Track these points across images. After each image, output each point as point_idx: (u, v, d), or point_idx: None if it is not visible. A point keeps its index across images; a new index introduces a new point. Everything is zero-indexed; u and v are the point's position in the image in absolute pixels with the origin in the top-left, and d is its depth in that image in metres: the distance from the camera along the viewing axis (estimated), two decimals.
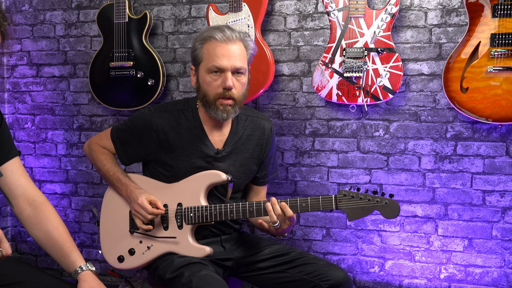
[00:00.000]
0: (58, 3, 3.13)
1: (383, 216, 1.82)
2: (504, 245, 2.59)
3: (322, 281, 1.89)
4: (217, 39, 1.87)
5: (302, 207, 1.85)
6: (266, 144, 2.10)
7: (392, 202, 1.81)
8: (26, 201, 1.69)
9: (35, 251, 3.32)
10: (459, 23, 2.57)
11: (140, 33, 2.85)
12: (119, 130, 2.08)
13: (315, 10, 2.74)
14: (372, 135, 2.71)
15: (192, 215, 1.94)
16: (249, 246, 2.09)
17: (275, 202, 1.84)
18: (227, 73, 1.86)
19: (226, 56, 1.86)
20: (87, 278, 1.57)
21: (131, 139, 2.04)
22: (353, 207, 1.83)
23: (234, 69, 1.87)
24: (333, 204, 1.84)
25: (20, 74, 3.24)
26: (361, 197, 1.82)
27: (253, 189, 2.18)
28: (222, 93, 1.88)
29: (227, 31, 1.88)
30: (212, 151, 1.99)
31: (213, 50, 1.87)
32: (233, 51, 1.87)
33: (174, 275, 1.83)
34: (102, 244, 2.10)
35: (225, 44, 1.86)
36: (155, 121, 1.98)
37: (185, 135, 1.99)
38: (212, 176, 1.95)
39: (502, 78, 2.38)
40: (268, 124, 2.11)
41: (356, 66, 2.55)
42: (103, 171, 2.09)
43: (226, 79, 1.86)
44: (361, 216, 1.83)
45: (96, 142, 2.14)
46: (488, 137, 2.57)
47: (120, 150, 2.07)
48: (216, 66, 1.86)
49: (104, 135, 2.12)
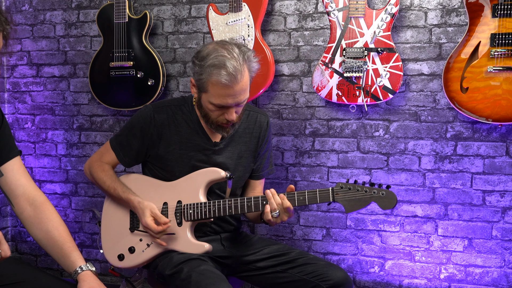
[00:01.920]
0: (58, 3, 3.13)
1: (380, 207, 1.83)
2: (504, 245, 2.59)
3: (322, 281, 1.90)
4: (223, 83, 1.80)
5: (299, 200, 1.86)
6: (263, 137, 2.13)
7: (389, 193, 1.82)
8: (26, 201, 1.69)
9: (35, 251, 3.32)
10: (459, 23, 2.57)
11: (140, 33, 2.85)
12: (118, 136, 2.09)
13: (315, 10, 2.74)
14: (372, 135, 2.71)
15: (191, 211, 1.95)
16: (249, 245, 2.10)
17: (275, 193, 1.87)
18: (231, 108, 1.89)
19: (232, 96, 1.84)
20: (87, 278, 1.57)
21: (131, 140, 2.04)
22: (350, 199, 1.84)
23: (238, 104, 1.89)
24: (330, 196, 1.85)
25: (20, 74, 3.24)
26: (358, 188, 1.83)
27: (249, 184, 2.20)
28: (224, 121, 1.92)
29: (233, 65, 1.79)
30: (209, 144, 2.02)
31: (220, 90, 1.83)
32: (239, 89, 1.84)
33: (173, 271, 1.84)
34: (103, 243, 2.11)
35: (231, 86, 1.81)
36: (154, 116, 2.00)
37: (183, 129, 2.01)
38: (212, 173, 1.97)
39: (502, 78, 2.38)
40: (264, 118, 2.14)
41: (356, 66, 2.55)
42: (104, 189, 2.08)
43: (230, 114, 1.89)
44: (358, 208, 1.84)
45: (96, 159, 2.13)
46: (488, 137, 2.57)
47: (122, 155, 2.08)
48: (222, 105, 1.87)
49: (103, 149, 2.13)
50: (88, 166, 2.14)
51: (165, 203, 2.00)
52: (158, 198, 2.01)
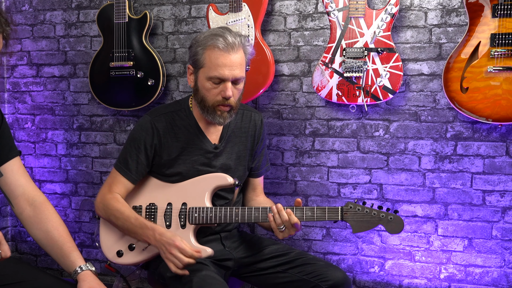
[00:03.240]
0: (58, 3, 3.13)
1: (387, 231, 1.86)
2: (504, 245, 2.59)
3: (322, 282, 1.91)
4: (220, 48, 1.86)
5: (308, 216, 1.87)
6: (258, 135, 2.14)
7: (396, 218, 1.85)
8: (26, 201, 1.69)
9: (35, 251, 3.32)
10: (459, 23, 2.57)
11: (140, 33, 2.85)
12: (122, 159, 2.01)
13: (315, 10, 2.74)
14: (372, 135, 2.71)
15: (196, 215, 1.95)
16: (249, 246, 2.10)
17: (281, 209, 1.85)
18: (227, 83, 1.88)
19: (228, 66, 1.86)
20: (87, 278, 1.57)
21: (138, 155, 1.99)
22: (358, 219, 1.86)
23: (234, 78, 1.89)
24: (339, 215, 1.86)
25: (20, 74, 3.24)
26: (367, 210, 1.85)
27: (249, 184, 2.20)
28: (221, 101, 1.91)
29: (229, 37, 1.87)
30: (210, 147, 2.02)
31: (216, 59, 1.86)
32: (235, 60, 1.87)
33: (174, 274, 1.84)
34: (102, 238, 2.09)
35: (228, 54, 1.86)
36: (154, 125, 1.99)
37: (183, 134, 2.01)
38: (220, 179, 1.98)
39: (502, 78, 2.38)
40: (258, 116, 2.16)
41: (356, 66, 2.55)
42: (122, 219, 1.93)
43: (226, 89, 1.88)
44: (365, 229, 1.87)
45: (106, 192, 2.01)
46: (488, 137, 2.57)
47: (130, 175, 1.99)
48: (218, 76, 1.87)
49: (110, 179, 2.03)
50: (100, 201, 2.01)
51: (169, 203, 2.00)
52: (163, 198, 2.01)
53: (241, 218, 1.93)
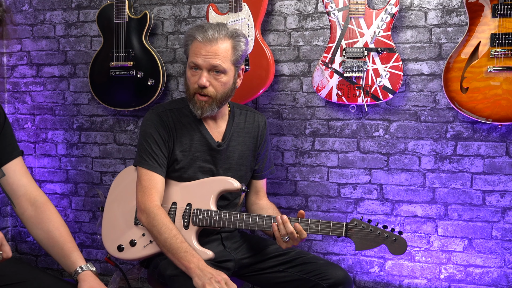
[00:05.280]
0: (58, 3, 3.13)
1: (390, 251, 1.87)
2: (504, 245, 2.59)
3: (322, 280, 1.90)
4: (198, 40, 1.92)
5: (312, 229, 1.87)
6: (261, 137, 2.15)
7: (400, 239, 1.86)
8: (28, 201, 1.69)
9: (35, 251, 3.32)
10: (459, 23, 2.57)
11: (140, 33, 2.85)
12: (141, 156, 1.96)
13: (315, 10, 2.74)
14: (372, 135, 2.71)
15: (200, 217, 1.95)
16: (250, 247, 2.10)
17: (286, 220, 1.85)
18: (202, 71, 1.92)
19: (203, 55, 1.90)
20: (87, 278, 1.57)
21: (156, 147, 1.97)
22: (362, 237, 1.85)
23: (210, 67, 1.91)
24: (343, 231, 1.86)
25: (20, 74, 3.24)
26: (371, 229, 1.85)
27: (252, 186, 2.21)
28: (197, 89, 1.94)
29: (209, 31, 1.90)
30: (213, 144, 2.03)
31: (194, 48, 1.93)
32: (213, 50, 1.90)
33: (174, 273, 1.84)
34: (104, 231, 2.09)
35: (204, 45, 1.90)
36: (162, 118, 2.01)
37: (186, 131, 2.02)
38: (226, 183, 1.99)
39: (502, 78, 2.38)
40: (262, 118, 2.18)
41: (356, 66, 2.55)
42: (166, 235, 1.84)
43: (200, 77, 1.92)
44: (368, 248, 1.87)
45: (145, 199, 1.91)
46: (488, 137, 2.57)
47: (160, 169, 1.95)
48: (193, 62, 1.92)
49: (141, 183, 1.93)
50: (143, 210, 1.90)
51: (174, 202, 2.00)
52: (167, 196, 2.01)
53: (244, 225, 1.93)
